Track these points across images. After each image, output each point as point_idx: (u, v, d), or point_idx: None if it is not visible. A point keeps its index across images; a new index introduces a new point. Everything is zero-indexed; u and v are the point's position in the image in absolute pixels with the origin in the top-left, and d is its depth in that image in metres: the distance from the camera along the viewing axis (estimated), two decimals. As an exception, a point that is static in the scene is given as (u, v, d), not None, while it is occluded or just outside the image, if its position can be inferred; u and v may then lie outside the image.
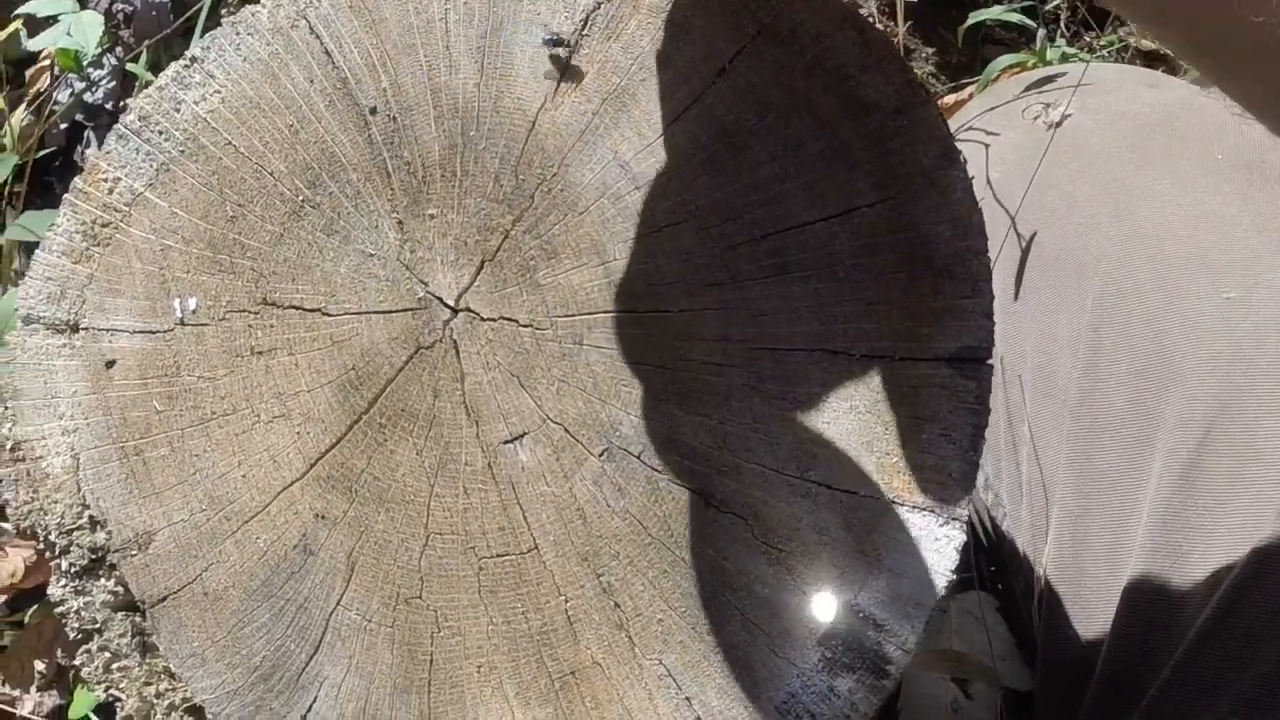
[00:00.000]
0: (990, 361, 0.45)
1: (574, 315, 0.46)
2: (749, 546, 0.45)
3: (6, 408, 0.47)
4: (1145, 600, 0.62)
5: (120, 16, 1.14)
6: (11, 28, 1.10)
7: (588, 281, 0.46)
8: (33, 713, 1.00)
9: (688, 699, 0.45)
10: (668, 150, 0.46)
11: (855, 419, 0.45)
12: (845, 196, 0.46)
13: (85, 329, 0.47)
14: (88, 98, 1.12)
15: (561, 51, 0.45)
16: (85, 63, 1.08)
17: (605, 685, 0.45)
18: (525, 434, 0.46)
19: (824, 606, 0.45)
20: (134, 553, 0.47)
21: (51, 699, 1.01)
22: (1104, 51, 1.18)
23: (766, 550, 0.45)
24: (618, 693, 0.45)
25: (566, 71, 0.46)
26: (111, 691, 0.48)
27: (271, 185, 0.47)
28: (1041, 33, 1.09)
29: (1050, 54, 1.05)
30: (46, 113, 1.12)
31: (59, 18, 1.00)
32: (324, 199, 0.47)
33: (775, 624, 0.45)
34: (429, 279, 0.46)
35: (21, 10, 1.03)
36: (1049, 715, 0.70)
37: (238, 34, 0.47)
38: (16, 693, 1.01)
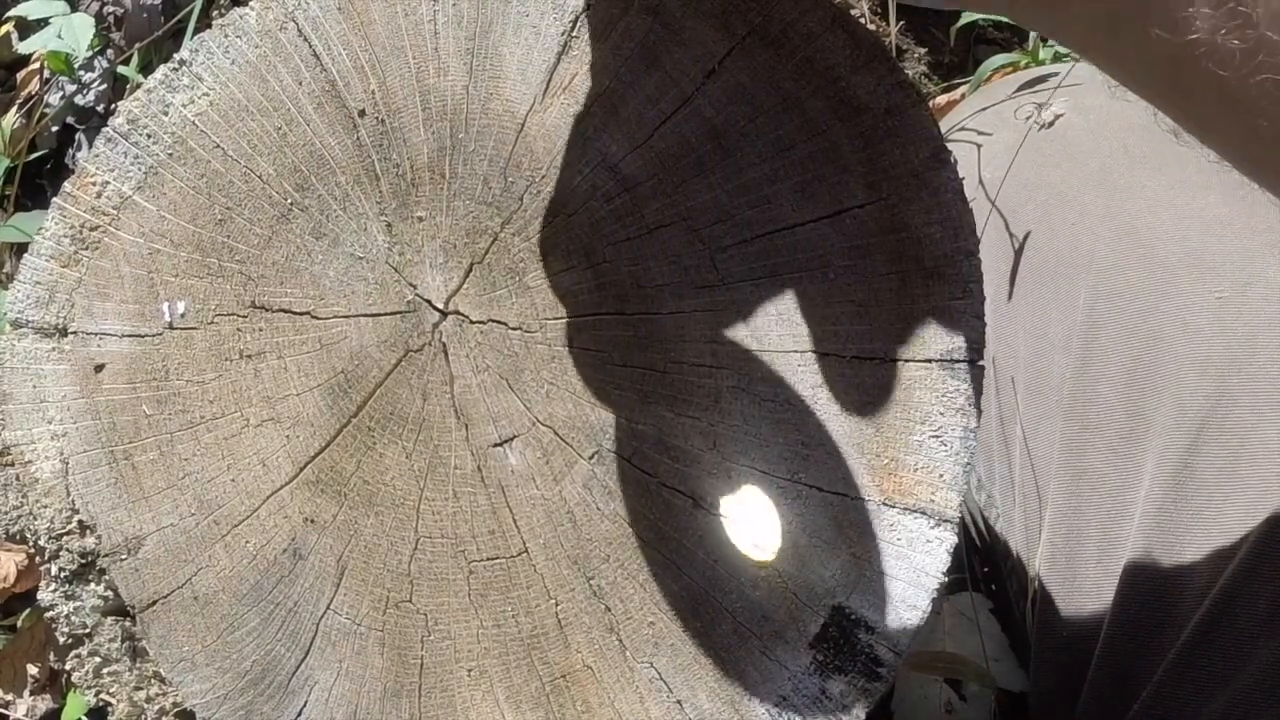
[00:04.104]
0: (981, 363, 0.45)
1: (563, 318, 0.46)
2: (742, 553, 0.45)
3: (-6, 412, 0.47)
4: (1139, 600, 0.62)
5: (111, 19, 1.13)
6: (2, 30, 1.10)
7: (577, 284, 0.46)
8: (26, 716, 1.00)
9: (679, 702, 0.45)
10: (657, 152, 0.46)
11: (846, 421, 0.45)
12: (836, 198, 0.45)
13: (74, 333, 0.47)
14: (79, 100, 1.12)
15: None
16: (76, 65, 1.08)
17: (596, 689, 0.45)
18: (515, 437, 0.46)
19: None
20: (124, 557, 0.46)
21: (45, 703, 1.01)
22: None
23: (759, 559, 0.45)
24: (609, 696, 0.45)
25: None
26: (102, 696, 0.47)
27: (260, 188, 0.47)
28: (1034, 33, 1.09)
29: (1043, 54, 1.04)
30: (38, 116, 1.11)
31: (50, 20, 1.00)
32: (312, 202, 0.46)
33: (767, 627, 0.45)
34: (418, 282, 0.46)
35: (12, 13, 1.02)
36: (1043, 716, 0.70)
37: (225, 37, 0.47)
38: (10, 697, 1.01)
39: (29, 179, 1.13)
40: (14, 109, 1.12)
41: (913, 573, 0.45)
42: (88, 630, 0.47)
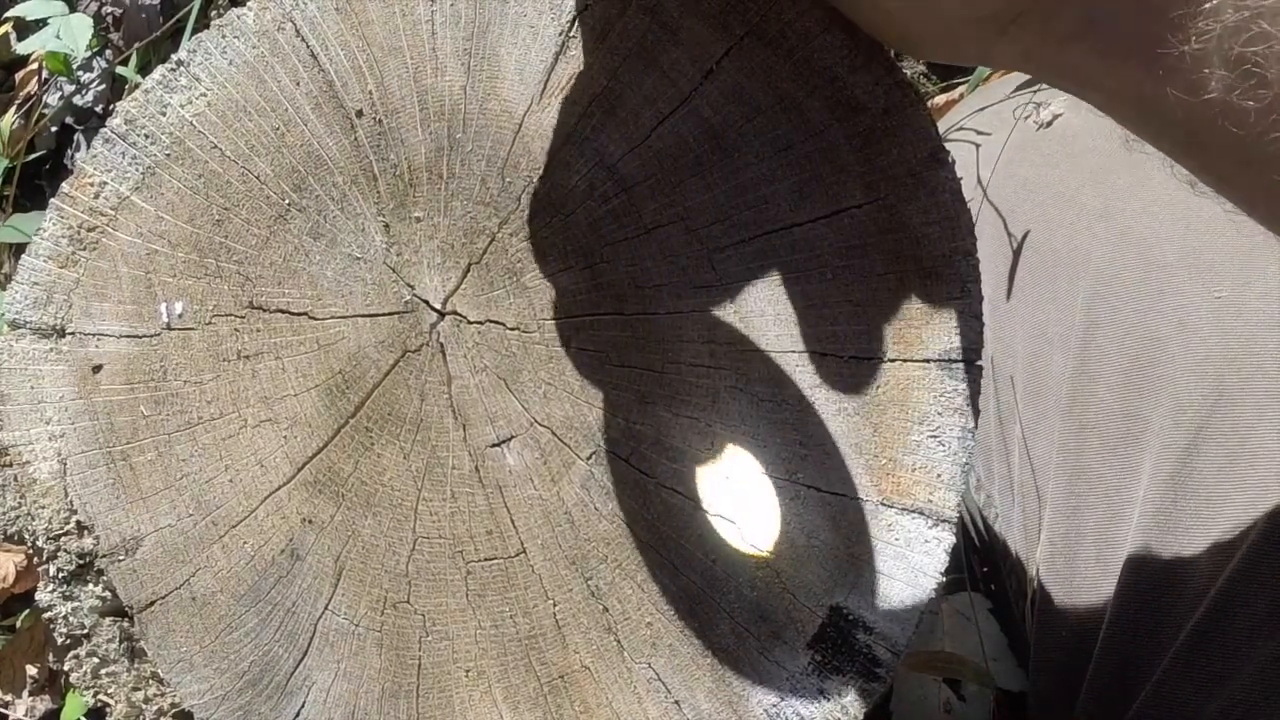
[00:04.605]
0: (980, 363, 0.45)
1: (561, 318, 0.46)
2: (738, 549, 0.45)
3: (-8, 413, 0.47)
4: (1138, 600, 0.62)
5: (109, 19, 1.13)
6: (1, 31, 1.10)
7: (575, 284, 0.46)
8: (25, 717, 1.00)
9: (677, 702, 0.45)
10: (655, 152, 0.46)
11: (844, 421, 0.45)
12: (833, 198, 0.45)
13: (72, 333, 0.47)
14: (77, 101, 1.12)
15: None
16: (74, 66, 1.08)
17: (594, 689, 0.45)
18: (513, 437, 0.46)
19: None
20: (121, 558, 0.46)
21: (44, 703, 1.01)
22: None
23: (756, 553, 0.45)
24: (607, 696, 0.45)
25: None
26: (100, 696, 0.47)
27: (258, 189, 0.47)
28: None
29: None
30: (36, 116, 1.11)
31: (48, 21, 0.99)
32: (310, 202, 0.46)
33: (764, 627, 0.45)
34: (415, 282, 0.46)
35: (11, 13, 1.02)
36: (1042, 715, 0.70)
37: (223, 37, 0.47)
38: (9, 697, 1.01)
39: (27, 179, 1.13)
40: (12, 109, 1.12)
41: (911, 573, 0.45)
42: (86, 631, 0.47)
